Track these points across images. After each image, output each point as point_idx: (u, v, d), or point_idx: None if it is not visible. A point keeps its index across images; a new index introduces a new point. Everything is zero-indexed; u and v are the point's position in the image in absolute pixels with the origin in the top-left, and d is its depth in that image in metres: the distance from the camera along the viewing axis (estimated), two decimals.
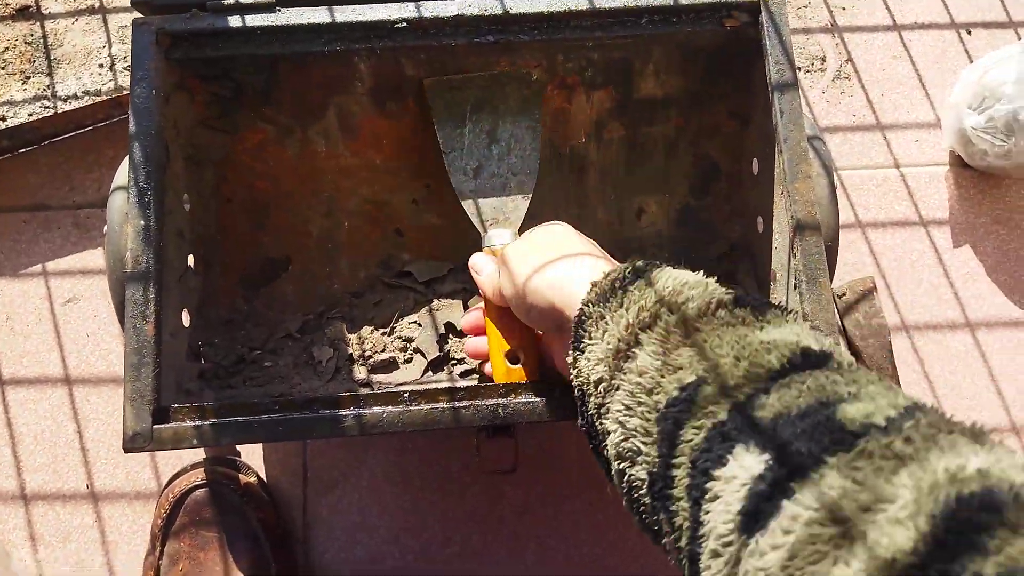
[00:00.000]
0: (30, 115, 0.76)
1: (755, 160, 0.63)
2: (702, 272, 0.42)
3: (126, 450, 0.49)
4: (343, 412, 0.50)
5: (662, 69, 0.65)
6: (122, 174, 0.58)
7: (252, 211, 0.67)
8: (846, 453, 0.26)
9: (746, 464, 0.28)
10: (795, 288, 0.55)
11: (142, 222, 0.53)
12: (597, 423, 0.39)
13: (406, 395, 0.51)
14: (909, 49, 0.79)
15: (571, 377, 0.42)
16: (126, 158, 0.60)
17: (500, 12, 0.57)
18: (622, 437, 0.36)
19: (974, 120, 0.69)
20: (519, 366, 0.53)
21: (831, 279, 0.55)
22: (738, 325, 0.35)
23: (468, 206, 0.62)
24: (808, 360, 0.32)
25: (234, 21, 0.57)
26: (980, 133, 0.69)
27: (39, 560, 0.70)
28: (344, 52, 0.58)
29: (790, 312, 0.37)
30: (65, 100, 0.76)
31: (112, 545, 0.71)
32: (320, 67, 0.61)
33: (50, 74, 0.78)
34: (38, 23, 0.80)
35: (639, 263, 0.42)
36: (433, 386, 0.60)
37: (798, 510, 0.25)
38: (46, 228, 0.77)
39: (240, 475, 0.67)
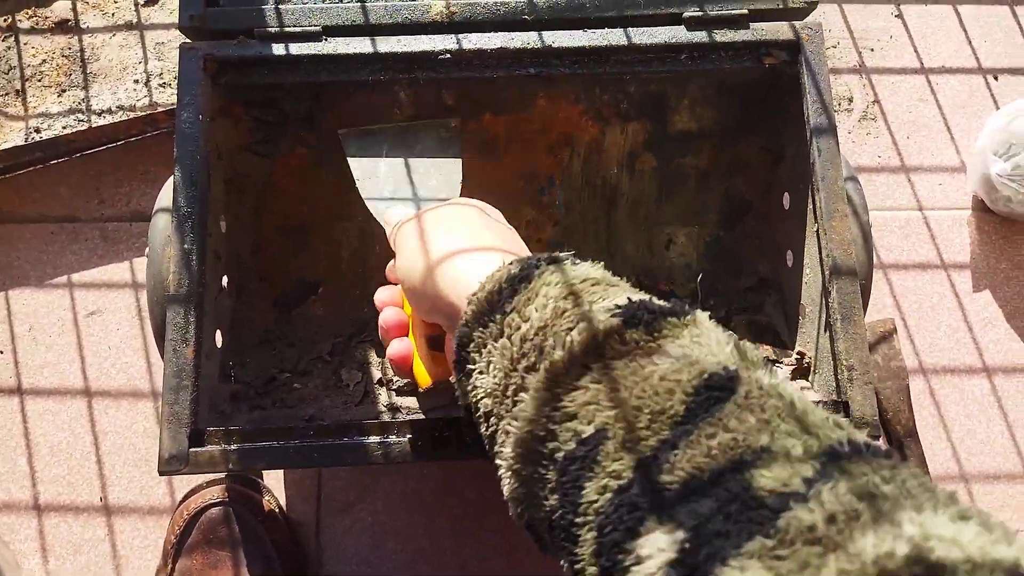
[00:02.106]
0: (64, 128, 0.76)
1: (786, 195, 0.64)
2: (601, 265, 0.38)
3: (161, 472, 0.49)
4: (375, 440, 0.50)
5: (697, 103, 0.66)
6: (165, 196, 0.59)
7: (287, 234, 0.68)
8: (766, 538, 0.24)
9: (660, 543, 0.26)
10: (827, 326, 0.56)
11: (185, 246, 0.53)
12: (490, 455, 0.36)
13: (441, 424, 0.51)
14: (936, 93, 0.80)
15: (458, 394, 0.39)
16: (169, 179, 0.61)
17: (541, 46, 0.58)
18: (517, 483, 0.34)
19: (999, 167, 0.70)
20: (444, 352, 0.48)
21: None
22: (634, 355, 0.32)
23: (374, 205, 0.61)
24: (713, 394, 0.30)
25: (280, 49, 0.57)
26: (1005, 180, 0.70)
27: (49, 571, 0.70)
28: (387, 81, 0.59)
29: (686, 312, 0.34)
30: (100, 114, 0.77)
31: (123, 559, 0.70)
32: (362, 95, 0.62)
33: (86, 88, 0.78)
34: (76, 37, 0.80)
35: (514, 269, 0.37)
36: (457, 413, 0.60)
37: None
38: (74, 240, 0.78)
39: (262, 498, 0.67)
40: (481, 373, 0.36)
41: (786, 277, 0.65)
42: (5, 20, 0.81)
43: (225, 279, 0.62)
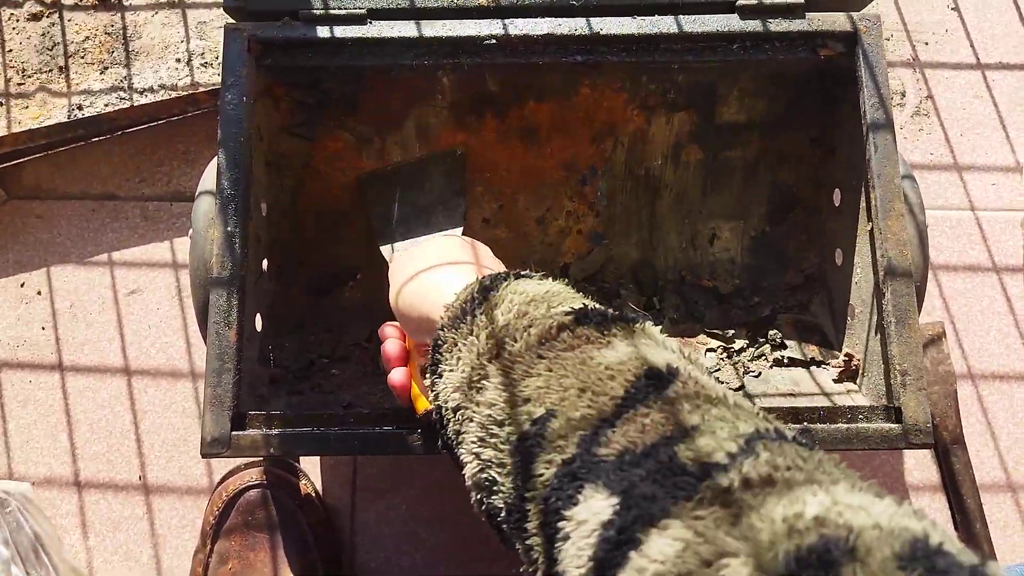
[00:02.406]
0: (106, 105, 0.76)
1: (837, 191, 0.62)
2: (551, 279, 0.42)
3: (204, 455, 0.49)
4: (417, 432, 0.50)
5: (747, 93, 0.64)
6: (208, 178, 0.59)
7: (326, 219, 0.67)
8: (687, 501, 0.26)
9: (595, 508, 0.29)
10: (878, 328, 0.54)
11: (228, 228, 0.53)
12: (456, 449, 0.39)
13: None
14: (992, 89, 0.77)
15: (430, 400, 0.42)
16: (212, 161, 0.61)
17: (589, 33, 0.57)
18: (478, 468, 0.36)
19: None
20: None
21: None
22: (583, 345, 0.35)
23: (385, 249, 0.64)
24: (652, 383, 0.32)
25: (325, 32, 0.57)
26: None
27: (89, 547, 0.71)
28: (431, 66, 0.58)
29: (638, 320, 0.37)
30: (141, 93, 0.77)
31: (161, 538, 0.71)
32: (405, 79, 0.61)
33: (128, 66, 0.78)
34: (119, 14, 0.80)
35: (486, 281, 0.41)
36: None
37: (643, 563, 0.25)
38: (114, 218, 0.78)
39: (299, 482, 0.67)
40: (451, 370, 0.39)
41: (834, 276, 0.63)
42: None
43: (265, 262, 0.62)
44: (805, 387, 0.59)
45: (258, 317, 0.60)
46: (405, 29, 0.57)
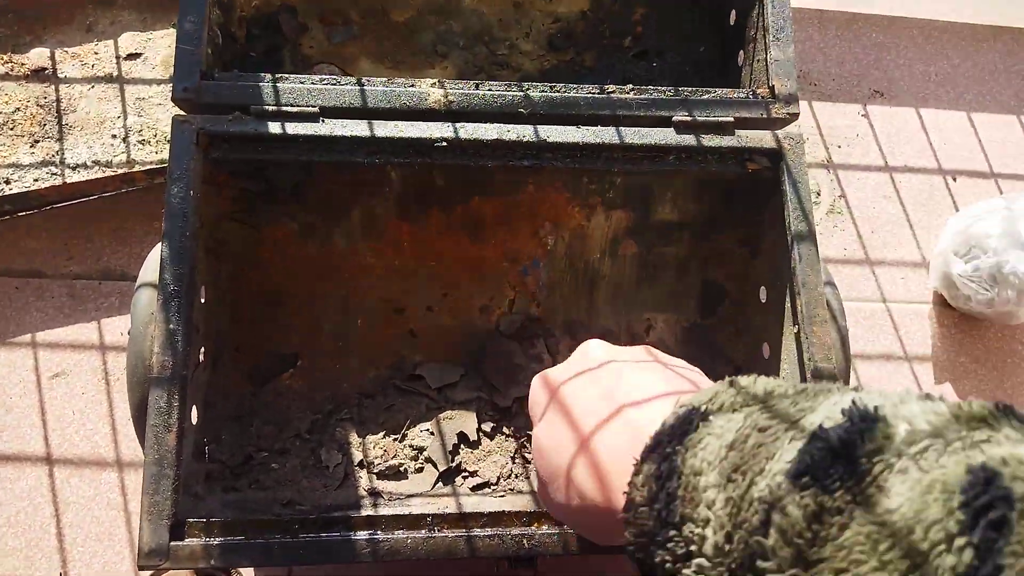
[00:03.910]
0: (36, 180, 0.74)
1: (763, 288, 0.66)
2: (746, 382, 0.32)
3: (140, 567, 0.47)
4: (364, 536, 0.50)
5: (680, 196, 0.68)
6: (149, 269, 0.58)
7: (266, 305, 0.67)
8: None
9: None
10: None
11: (171, 326, 0.52)
12: None
13: (429, 519, 0.50)
14: (899, 190, 0.84)
15: None
16: (153, 251, 0.60)
17: (535, 139, 0.60)
18: None
19: (960, 268, 0.74)
20: None
21: None
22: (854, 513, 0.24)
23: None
24: (987, 516, 0.23)
25: (276, 128, 0.57)
26: (966, 280, 0.74)
27: None
28: (381, 163, 0.59)
29: (888, 424, 0.26)
30: (74, 168, 0.75)
31: None
32: (353, 172, 0.62)
33: (60, 140, 0.77)
34: (53, 86, 0.79)
35: (663, 448, 0.30)
36: (446, 501, 0.60)
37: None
38: (39, 296, 0.75)
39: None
40: None
41: (761, 368, 0.66)
42: None
43: (202, 351, 0.61)
44: None
45: (194, 410, 0.58)
46: (357, 128, 0.58)
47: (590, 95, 0.60)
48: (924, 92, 0.89)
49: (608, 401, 0.36)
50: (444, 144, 0.59)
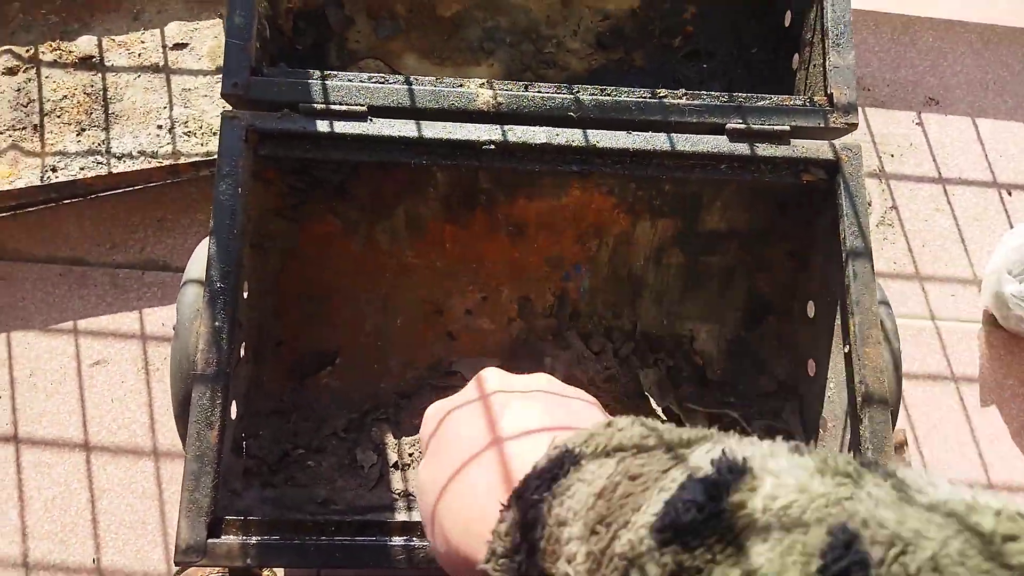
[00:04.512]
0: (82, 169, 0.74)
1: (811, 303, 0.64)
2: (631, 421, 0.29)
3: (177, 563, 0.48)
4: (399, 542, 0.49)
5: (730, 206, 0.66)
6: (195, 266, 0.58)
7: (308, 301, 0.67)
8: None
9: None
10: (851, 447, 0.56)
11: (216, 323, 0.52)
12: None
13: None
14: (952, 203, 0.82)
15: None
16: (199, 247, 0.60)
17: (585, 144, 0.58)
18: None
19: (1013, 287, 0.72)
20: None
21: None
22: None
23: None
24: None
25: (324, 126, 0.57)
26: (1019, 301, 0.71)
27: None
28: (428, 164, 0.58)
29: (743, 471, 0.25)
30: (120, 158, 0.75)
31: None
32: (399, 172, 0.62)
33: (106, 129, 0.77)
34: (100, 75, 0.79)
35: (529, 494, 0.28)
36: None
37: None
38: (82, 284, 0.76)
39: (263, 572, 0.65)
40: None
41: (807, 386, 0.65)
42: (27, 51, 0.79)
43: (244, 346, 0.61)
44: None
45: (233, 404, 0.58)
46: (405, 128, 0.57)
47: (641, 99, 0.59)
48: (981, 101, 0.86)
49: (487, 436, 0.33)
50: (492, 147, 0.58)
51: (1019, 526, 0.21)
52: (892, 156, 0.83)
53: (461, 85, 0.58)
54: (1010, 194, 0.83)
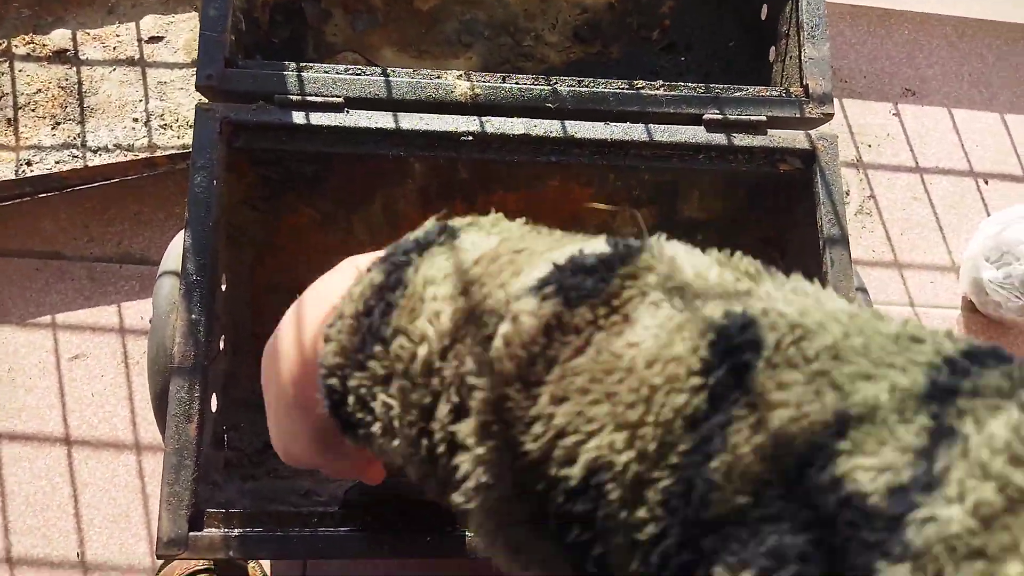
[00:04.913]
0: (57, 163, 0.74)
1: None
2: (498, 222, 0.28)
3: (159, 556, 0.48)
4: (382, 534, 0.50)
5: (707, 194, 0.67)
6: (171, 258, 0.57)
7: (283, 292, 0.66)
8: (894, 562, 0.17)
9: None
10: None
11: (192, 316, 0.52)
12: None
13: (449, 516, 0.50)
14: (930, 192, 0.83)
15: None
16: (174, 240, 0.59)
17: (563, 135, 0.59)
18: (514, 563, 0.24)
19: (991, 274, 0.73)
20: None
21: None
22: (598, 345, 0.22)
23: None
24: (732, 359, 0.21)
25: (300, 118, 0.56)
26: (996, 287, 0.72)
27: None
28: (405, 156, 0.58)
29: (643, 250, 0.24)
30: (95, 152, 0.75)
31: None
32: (375, 163, 0.62)
33: (82, 122, 0.76)
34: (74, 68, 0.78)
35: (378, 277, 0.26)
36: None
37: None
38: (59, 278, 0.75)
39: (248, 565, 0.65)
40: (384, 434, 0.25)
41: None
42: (0, 45, 0.78)
43: (223, 339, 0.61)
44: None
45: (213, 397, 0.58)
46: (382, 120, 0.57)
47: (619, 90, 0.59)
48: (957, 92, 0.87)
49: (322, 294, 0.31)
50: (470, 138, 0.58)
51: (926, 333, 0.20)
52: (870, 146, 0.84)
53: (439, 76, 0.58)
54: (987, 182, 0.84)
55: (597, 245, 0.24)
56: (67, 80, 0.78)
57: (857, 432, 0.17)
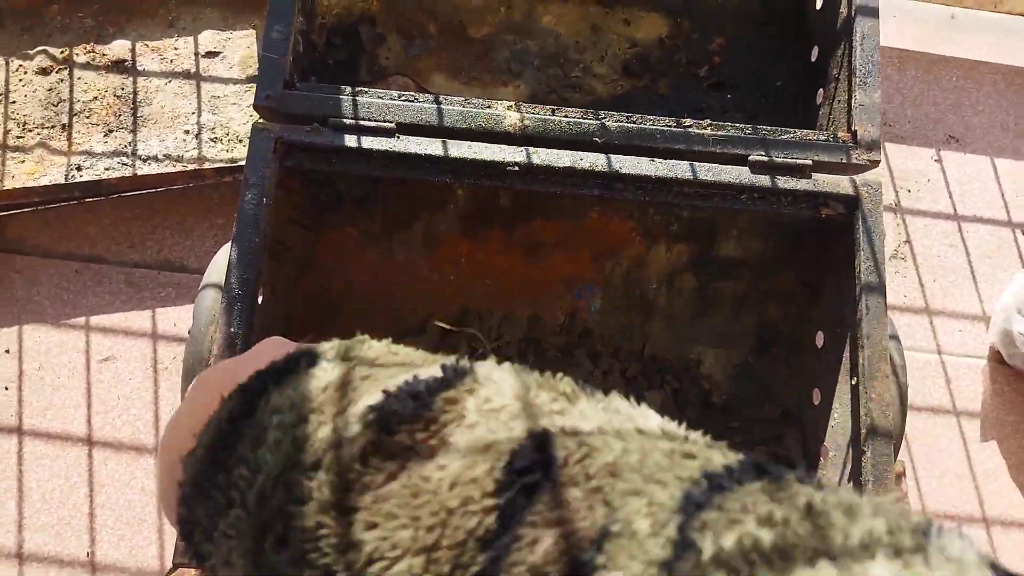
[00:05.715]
0: (107, 169, 0.75)
1: (820, 333, 0.65)
2: (363, 344, 0.29)
3: (175, 565, 0.48)
4: None
5: (745, 234, 0.67)
6: (214, 270, 0.58)
7: (323, 308, 0.67)
8: None
9: None
10: (851, 477, 0.56)
11: (232, 329, 0.52)
12: None
13: None
14: (966, 240, 0.82)
15: None
16: (219, 252, 0.60)
17: (608, 169, 0.59)
18: None
19: (1022, 326, 0.72)
20: None
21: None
22: (410, 469, 0.23)
23: None
24: (524, 479, 0.22)
25: (352, 141, 0.57)
26: None
27: None
28: (451, 183, 0.59)
29: (465, 373, 0.25)
30: (145, 160, 0.76)
31: None
32: (421, 188, 0.62)
33: (134, 131, 0.78)
34: (131, 78, 0.80)
35: (233, 406, 0.27)
36: None
37: None
38: (97, 282, 0.76)
39: None
40: (224, 566, 0.25)
41: (810, 414, 0.65)
42: (62, 52, 0.80)
43: None
44: None
45: None
46: (431, 147, 0.58)
47: (666, 128, 0.60)
48: (1001, 141, 0.87)
49: (230, 372, 0.30)
50: (516, 168, 0.59)
51: (698, 448, 0.22)
52: (909, 191, 0.84)
53: (489, 106, 0.59)
54: None
55: (433, 370, 0.25)
56: (123, 89, 0.80)
57: (612, 545, 0.19)
